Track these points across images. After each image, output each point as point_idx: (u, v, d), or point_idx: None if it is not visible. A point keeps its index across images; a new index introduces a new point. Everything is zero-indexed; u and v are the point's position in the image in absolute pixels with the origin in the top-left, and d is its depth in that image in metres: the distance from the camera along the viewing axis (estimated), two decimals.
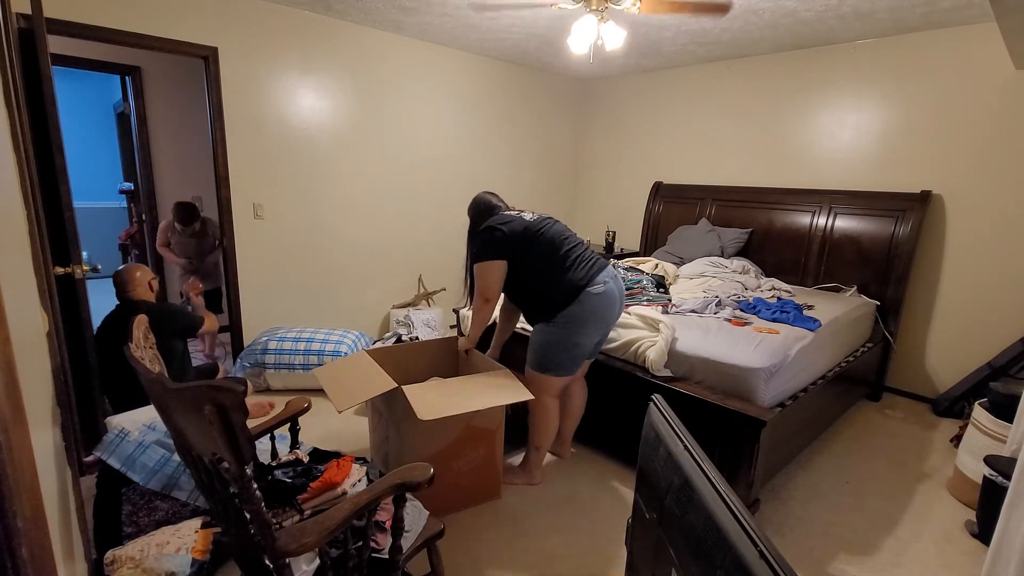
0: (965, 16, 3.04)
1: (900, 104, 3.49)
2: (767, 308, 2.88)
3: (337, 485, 1.54)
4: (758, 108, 4.18)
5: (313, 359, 3.36)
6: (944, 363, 3.47)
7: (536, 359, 2.26)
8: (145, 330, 1.45)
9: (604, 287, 2.17)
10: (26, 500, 0.68)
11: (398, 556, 1.31)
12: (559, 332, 2.18)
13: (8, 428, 0.63)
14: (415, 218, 4.43)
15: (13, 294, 0.99)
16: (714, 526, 0.84)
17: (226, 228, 3.46)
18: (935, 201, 3.40)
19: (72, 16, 2.73)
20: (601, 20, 2.80)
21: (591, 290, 2.14)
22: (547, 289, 2.20)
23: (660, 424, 1.17)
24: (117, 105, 5.12)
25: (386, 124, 4.09)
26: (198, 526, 1.74)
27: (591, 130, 5.50)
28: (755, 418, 2.05)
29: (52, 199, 2.09)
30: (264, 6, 3.35)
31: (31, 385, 1.08)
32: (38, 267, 1.60)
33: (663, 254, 4.34)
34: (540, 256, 2.20)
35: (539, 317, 2.26)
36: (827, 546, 2.13)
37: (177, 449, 1.29)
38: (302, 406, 1.78)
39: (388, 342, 3.94)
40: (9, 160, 1.35)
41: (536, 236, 2.20)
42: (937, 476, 2.66)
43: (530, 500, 2.36)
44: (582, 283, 2.15)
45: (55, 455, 1.33)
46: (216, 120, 3.29)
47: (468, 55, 4.47)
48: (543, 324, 2.24)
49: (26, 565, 0.63)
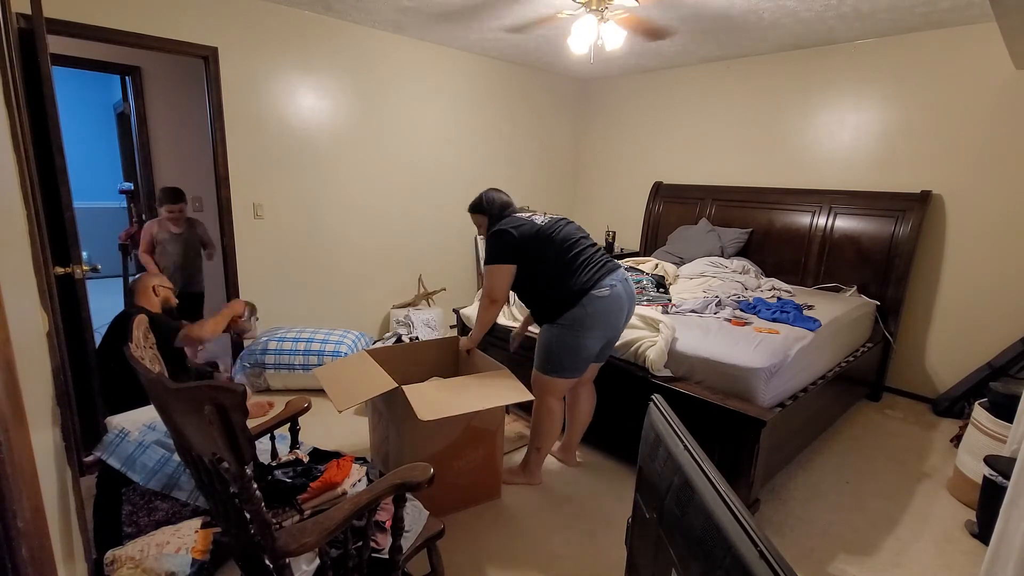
0: (965, 16, 3.04)
1: (900, 104, 3.49)
2: (767, 308, 2.88)
3: (337, 485, 1.54)
4: (758, 108, 4.18)
5: (313, 359, 3.35)
6: (944, 363, 3.47)
7: (540, 360, 2.26)
8: (145, 330, 1.45)
9: (610, 290, 2.16)
10: (26, 500, 0.68)
11: (398, 556, 1.31)
12: (563, 334, 2.18)
13: (8, 428, 0.63)
14: (415, 218, 4.44)
15: (13, 294, 0.99)
16: (714, 526, 0.84)
17: (226, 228, 3.46)
18: (935, 201, 3.40)
19: (72, 16, 2.73)
20: (601, 20, 2.80)
21: (595, 293, 2.14)
22: (552, 291, 2.20)
23: (660, 424, 1.17)
24: (117, 105, 5.12)
25: (386, 124, 4.10)
26: (198, 526, 1.74)
27: (591, 130, 5.50)
28: (755, 418, 2.05)
29: (52, 199, 2.09)
30: (264, 6, 3.35)
31: (31, 385, 1.08)
32: (38, 267, 1.60)
33: (663, 254, 4.34)
34: (548, 258, 2.20)
35: (544, 318, 2.26)
36: (827, 546, 2.13)
37: (177, 449, 1.29)
38: (302, 406, 1.78)
39: (388, 342, 3.94)
40: (9, 160, 1.35)
41: (547, 239, 2.20)
42: (937, 476, 2.66)
43: (530, 500, 2.36)
44: (587, 286, 2.15)
45: (55, 455, 1.33)
46: (216, 120, 3.29)
47: (468, 55, 4.47)
48: (548, 325, 2.24)
49: (26, 565, 0.63)
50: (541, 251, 2.19)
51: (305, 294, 3.91)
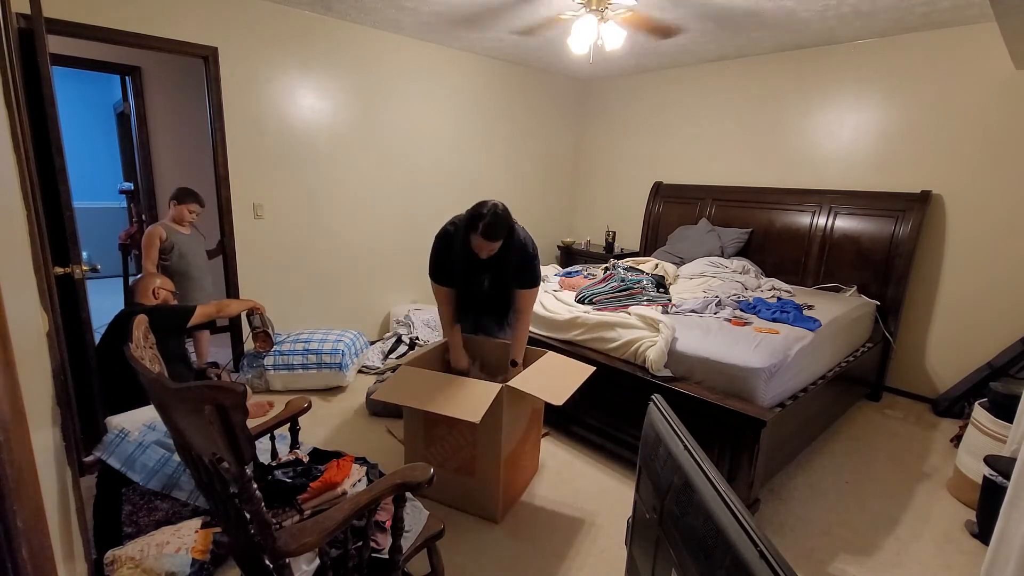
0: (965, 16, 3.04)
1: (900, 104, 3.49)
2: (767, 308, 2.88)
3: (337, 485, 1.54)
4: (758, 108, 4.18)
5: (312, 359, 3.36)
6: (944, 363, 3.47)
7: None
8: (145, 330, 1.45)
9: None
10: (26, 500, 0.68)
11: (398, 556, 1.31)
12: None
13: (8, 428, 0.63)
14: (415, 218, 4.44)
15: (13, 294, 0.99)
16: (714, 526, 0.84)
17: (226, 228, 3.46)
18: (935, 201, 3.40)
19: (72, 16, 2.73)
20: (601, 20, 2.80)
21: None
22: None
23: (660, 424, 1.17)
24: (117, 105, 5.12)
25: (386, 124, 4.09)
26: (198, 526, 1.74)
27: (591, 130, 5.50)
28: (755, 418, 2.05)
29: (52, 199, 2.09)
30: (264, 6, 3.35)
31: (31, 385, 1.08)
32: (38, 267, 1.60)
33: (663, 254, 4.34)
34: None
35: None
36: (827, 546, 2.13)
37: (177, 449, 1.29)
38: (302, 406, 1.77)
39: (388, 342, 3.94)
40: (9, 160, 1.35)
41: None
42: (937, 476, 2.66)
43: (530, 500, 2.36)
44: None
45: (55, 455, 1.33)
46: (216, 120, 3.29)
47: (468, 55, 4.47)
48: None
49: (26, 565, 0.63)
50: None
51: (305, 294, 3.91)
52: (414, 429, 2.29)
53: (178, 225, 3.27)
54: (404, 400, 1.99)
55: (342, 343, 3.46)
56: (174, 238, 3.19)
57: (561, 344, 2.83)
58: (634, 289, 3.05)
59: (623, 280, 3.10)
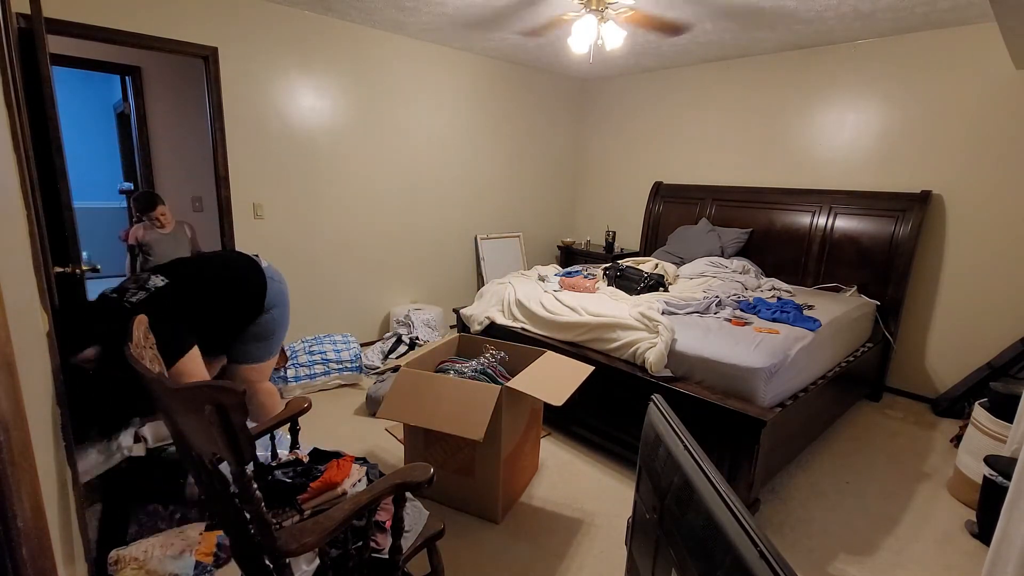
0: (965, 16, 3.04)
1: (900, 104, 3.49)
2: (767, 308, 2.88)
3: (337, 485, 1.54)
4: (758, 108, 4.18)
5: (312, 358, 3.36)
6: (944, 363, 3.47)
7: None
8: (145, 330, 1.45)
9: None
10: (26, 500, 0.68)
11: (398, 556, 1.31)
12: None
13: (8, 428, 0.63)
14: (415, 218, 4.44)
15: (13, 294, 0.99)
16: (714, 526, 0.84)
17: (226, 228, 3.45)
18: (935, 201, 3.40)
19: (72, 16, 2.73)
20: (601, 20, 2.80)
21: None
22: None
23: (660, 424, 1.17)
24: (117, 105, 5.11)
25: (386, 124, 4.09)
26: (203, 528, 1.74)
27: (591, 130, 5.50)
28: (755, 418, 2.05)
29: (52, 199, 2.09)
30: (264, 6, 3.35)
31: (31, 385, 1.08)
32: (38, 267, 1.59)
33: (663, 254, 4.34)
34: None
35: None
36: (827, 546, 2.13)
37: (177, 449, 1.29)
38: (302, 406, 1.77)
39: (388, 342, 3.94)
40: (9, 160, 1.35)
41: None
42: (937, 476, 2.66)
43: (530, 501, 2.36)
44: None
45: (55, 455, 1.33)
46: (216, 120, 3.29)
47: (468, 55, 4.47)
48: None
49: (26, 565, 0.63)
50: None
51: (305, 294, 3.90)
52: (414, 429, 2.30)
53: (160, 228, 3.56)
54: (408, 419, 2.04)
55: (342, 342, 3.47)
56: (148, 237, 3.47)
57: (561, 344, 2.84)
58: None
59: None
